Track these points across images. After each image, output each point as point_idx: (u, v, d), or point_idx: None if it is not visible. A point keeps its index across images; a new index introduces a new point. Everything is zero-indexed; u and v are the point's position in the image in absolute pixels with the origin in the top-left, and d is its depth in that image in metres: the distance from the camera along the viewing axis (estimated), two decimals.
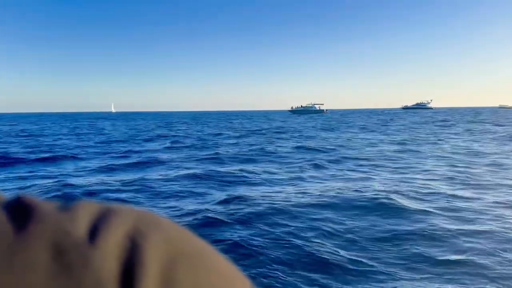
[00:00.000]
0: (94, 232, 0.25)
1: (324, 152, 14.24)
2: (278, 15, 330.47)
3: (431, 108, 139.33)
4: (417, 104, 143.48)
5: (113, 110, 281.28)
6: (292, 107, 76.09)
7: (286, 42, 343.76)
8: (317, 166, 10.75)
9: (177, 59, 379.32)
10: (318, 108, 72.39)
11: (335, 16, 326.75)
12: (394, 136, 20.84)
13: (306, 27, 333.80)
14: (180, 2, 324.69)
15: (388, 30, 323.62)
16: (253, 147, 16.08)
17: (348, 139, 19.67)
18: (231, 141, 19.69)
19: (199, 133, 27.21)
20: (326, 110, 75.38)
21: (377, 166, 10.80)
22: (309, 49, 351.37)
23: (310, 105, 73.82)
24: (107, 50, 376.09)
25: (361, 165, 10.95)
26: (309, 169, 10.45)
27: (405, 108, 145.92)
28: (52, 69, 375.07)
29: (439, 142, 17.53)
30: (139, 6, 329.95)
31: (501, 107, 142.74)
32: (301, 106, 74.75)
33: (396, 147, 15.40)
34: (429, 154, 13.05)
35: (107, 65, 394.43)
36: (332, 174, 9.61)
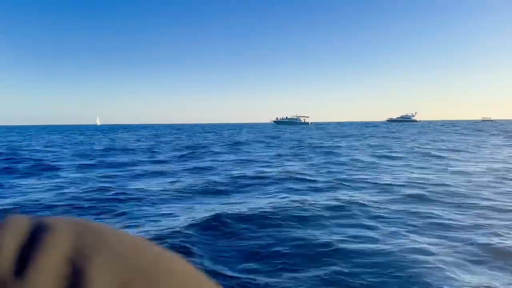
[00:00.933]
0: (23, 259, 0.19)
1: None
2: (261, 29, 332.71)
3: (416, 121, 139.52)
4: (402, 117, 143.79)
5: (98, 123, 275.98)
6: (277, 118, 73.34)
7: (269, 55, 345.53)
8: None
9: (162, 72, 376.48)
10: (303, 121, 69.81)
11: (319, 29, 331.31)
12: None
13: (290, 40, 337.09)
14: (164, 13, 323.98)
15: (372, 43, 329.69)
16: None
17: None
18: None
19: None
20: (311, 122, 72.63)
21: None
22: (293, 61, 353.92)
23: (295, 117, 71.33)
24: (90, 61, 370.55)
25: None
26: None
27: (390, 120, 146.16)
28: (34, 81, 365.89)
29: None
30: (124, 19, 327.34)
31: (484, 120, 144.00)
32: (286, 117, 72.22)
33: None
34: None
35: (92, 77, 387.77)
36: None
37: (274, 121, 74.25)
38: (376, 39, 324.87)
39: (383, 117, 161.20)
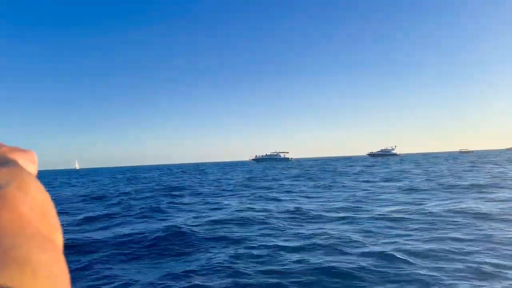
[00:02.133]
0: None
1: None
2: (238, 66, 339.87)
3: (396, 154, 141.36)
4: (382, 151, 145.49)
5: (77, 167, 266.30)
6: (256, 156, 72.27)
7: (244, 90, 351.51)
8: None
9: (139, 114, 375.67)
10: (283, 156, 69.00)
11: (296, 65, 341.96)
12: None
13: (267, 76, 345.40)
14: (146, 52, 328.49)
15: (348, 78, 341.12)
16: None
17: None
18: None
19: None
20: (291, 158, 71.84)
21: None
22: (270, 98, 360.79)
23: (275, 154, 70.52)
24: (67, 104, 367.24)
25: None
26: None
27: (371, 154, 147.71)
28: (7, 124, 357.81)
29: None
30: (100, 60, 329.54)
31: (461, 152, 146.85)
32: (266, 154, 71.27)
33: None
34: None
35: (69, 120, 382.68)
36: None
37: (254, 159, 73.08)
38: (354, 75, 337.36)
39: (364, 151, 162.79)
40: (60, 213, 11.23)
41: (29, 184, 0.30)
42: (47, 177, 59.34)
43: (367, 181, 21.01)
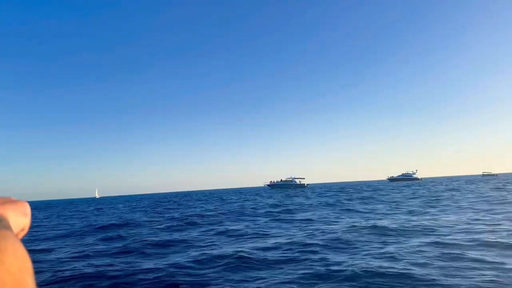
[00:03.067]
0: None
1: None
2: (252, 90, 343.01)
3: (417, 179, 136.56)
4: (402, 175, 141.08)
5: (97, 196, 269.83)
6: (271, 182, 70.13)
7: (259, 113, 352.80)
8: None
9: (158, 141, 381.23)
10: (299, 183, 66.55)
11: (312, 88, 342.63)
12: None
13: (283, 100, 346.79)
14: (159, 81, 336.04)
15: (367, 100, 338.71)
16: None
17: None
18: None
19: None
20: (307, 184, 69.16)
21: None
22: (285, 121, 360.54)
23: (290, 179, 68.21)
24: (85, 134, 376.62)
25: None
26: None
27: (391, 179, 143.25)
28: (26, 154, 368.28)
29: None
30: (112, 91, 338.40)
31: (484, 175, 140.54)
32: (281, 180, 69.10)
33: None
34: None
35: (88, 149, 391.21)
36: None
37: (268, 185, 70.94)
38: (372, 96, 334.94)
39: (383, 176, 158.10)
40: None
41: (4, 253, 0.27)
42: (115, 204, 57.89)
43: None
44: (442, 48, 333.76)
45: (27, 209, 0.43)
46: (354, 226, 12.32)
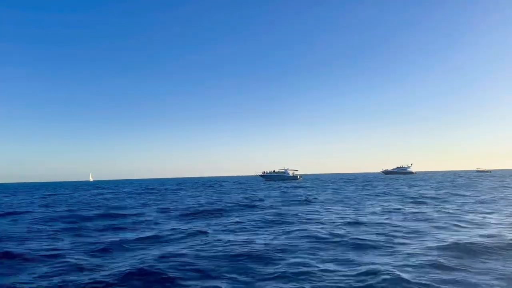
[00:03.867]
0: None
1: None
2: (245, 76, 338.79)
3: (412, 172, 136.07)
4: (397, 168, 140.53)
5: (91, 179, 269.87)
6: (263, 172, 68.95)
7: (257, 103, 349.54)
8: None
9: (151, 128, 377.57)
10: (291, 174, 65.37)
11: (309, 78, 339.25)
12: None
13: (275, 91, 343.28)
14: (157, 65, 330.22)
15: (365, 92, 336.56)
16: None
17: None
18: None
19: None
20: (300, 176, 67.94)
21: None
22: (282, 112, 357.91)
23: (283, 171, 67.03)
24: (82, 118, 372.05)
25: None
26: None
27: (386, 172, 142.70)
28: (23, 138, 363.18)
29: None
30: (113, 73, 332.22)
31: (478, 171, 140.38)
32: (274, 171, 67.90)
33: None
34: None
35: (83, 134, 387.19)
36: None
37: (260, 176, 69.80)
38: (368, 88, 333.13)
39: (378, 168, 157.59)
40: None
41: None
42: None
43: None
44: (440, 44, 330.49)
45: None
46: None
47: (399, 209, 16.78)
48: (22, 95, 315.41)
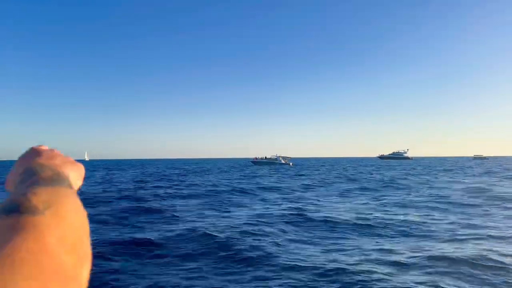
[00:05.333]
0: None
1: None
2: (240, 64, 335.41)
3: (408, 158, 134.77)
4: (393, 153, 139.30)
5: (87, 158, 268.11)
6: (255, 158, 66.89)
7: (252, 88, 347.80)
8: None
9: (149, 109, 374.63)
10: (284, 162, 63.38)
11: (302, 64, 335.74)
12: None
13: (274, 75, 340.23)
14: (158, 50, 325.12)
15: (361, 79, 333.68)
16: None
17: None
18: None
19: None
20: (292, 163, 65.95)
21: None
22: (278, 96, 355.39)
23: (275, 157, 65.01)
24: (79, 96, 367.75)
25: None
26: None
27: (382, 157, 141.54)
28: (19, 115, 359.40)
29: None
30: (114, 51, 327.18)
31: (475, 157, 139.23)
32: (265, 157, 65.90)
33: None
34: None
35: (79, 112, 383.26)
36: None
37: (252, 161, 67.82)
38: (366, 74, 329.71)
39: (375, 153, 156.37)
40: None
41: (67, 209, 0.29)
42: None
43: None
44: (439, 32, 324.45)
45: (83, 171, 0.44)
46: None
47: None
48: (12, 71, 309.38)
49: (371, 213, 10.38)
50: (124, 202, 13.33)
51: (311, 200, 13.91)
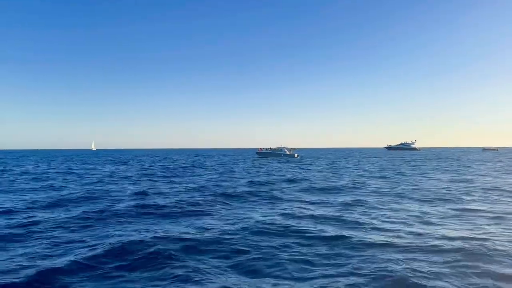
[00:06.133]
0: None
1: None
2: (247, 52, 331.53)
3: (415, 149, 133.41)
4: (401, 144, 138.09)
5: (94, 148, 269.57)
6: (260, 149, 66.25)
7: (258, 78, 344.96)
8: None
9: (154, 99, 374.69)
10: (288, 153, 62.71)
11: (311, 53, 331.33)
12: None
13: (280, 62, 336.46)
14: (162, 40, 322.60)
15: (368, 67, 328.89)
16: None
17: None
18: None
19: None
20: (297, 155, 65.19)
21: None
22: (283, 85, 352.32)
23: (279, 148, 64.33)
24: (85, 86, 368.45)
25: None
26: None
27: (389, 148, 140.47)
28: (28, 105, 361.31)
29: None
30: (120, 39, 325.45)
31: (484, 149, 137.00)
32: (270, 148, 65.20)
33: None
34: None
35: (86, 101, 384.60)
36: None
37: (257, 153, 67.31)
38: (375, 64, 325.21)
39: (382, 144, 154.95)
40: None
41: None
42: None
43: None
44: (447, 19, 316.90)
45: None
46: None
47: None
48: (17, 55, 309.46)
49: None
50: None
51: None
